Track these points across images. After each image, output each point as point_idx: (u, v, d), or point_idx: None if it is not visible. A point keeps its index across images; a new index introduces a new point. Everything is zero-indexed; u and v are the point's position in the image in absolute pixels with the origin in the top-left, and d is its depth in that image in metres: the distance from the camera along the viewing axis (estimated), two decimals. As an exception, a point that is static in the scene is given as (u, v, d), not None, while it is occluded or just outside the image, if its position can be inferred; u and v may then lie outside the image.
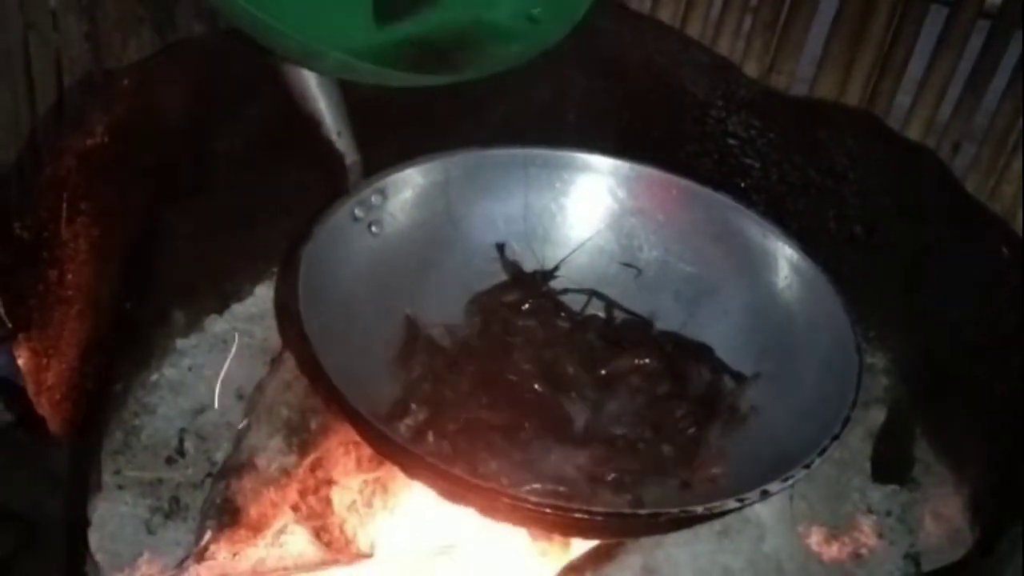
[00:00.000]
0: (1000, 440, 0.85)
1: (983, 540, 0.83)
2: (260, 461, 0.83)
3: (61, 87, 1.34)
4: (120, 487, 0.84)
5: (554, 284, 0.89)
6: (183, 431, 0.89)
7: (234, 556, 0.79)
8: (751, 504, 0.68)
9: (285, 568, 0.81)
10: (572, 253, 0.90)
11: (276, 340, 0.94)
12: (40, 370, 0.76)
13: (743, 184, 1.00)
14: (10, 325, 0.73)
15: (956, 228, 0.94)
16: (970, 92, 1.09)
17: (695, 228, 0.89)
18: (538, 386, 0.80)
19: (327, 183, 0.82)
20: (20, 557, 0.96)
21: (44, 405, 0.77)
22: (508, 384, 0.80)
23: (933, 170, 0.96)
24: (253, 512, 0.81)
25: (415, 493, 0.82)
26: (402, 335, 0.82)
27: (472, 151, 0.89)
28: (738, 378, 0.83)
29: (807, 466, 0.69)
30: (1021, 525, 0.75)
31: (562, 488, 0.74)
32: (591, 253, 0.91)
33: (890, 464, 0.91)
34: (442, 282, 0.86)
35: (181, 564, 0.80)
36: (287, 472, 0.83)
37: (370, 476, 0.82)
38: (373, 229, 0.83)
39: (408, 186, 0.86)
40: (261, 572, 0.80)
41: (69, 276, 0.79)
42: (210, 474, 0.87)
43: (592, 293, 0.89)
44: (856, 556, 0.87)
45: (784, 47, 1.12)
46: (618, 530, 0.74)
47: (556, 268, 0.89)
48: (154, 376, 0.92)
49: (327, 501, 0.82)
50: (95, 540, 0.80)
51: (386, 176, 0.84)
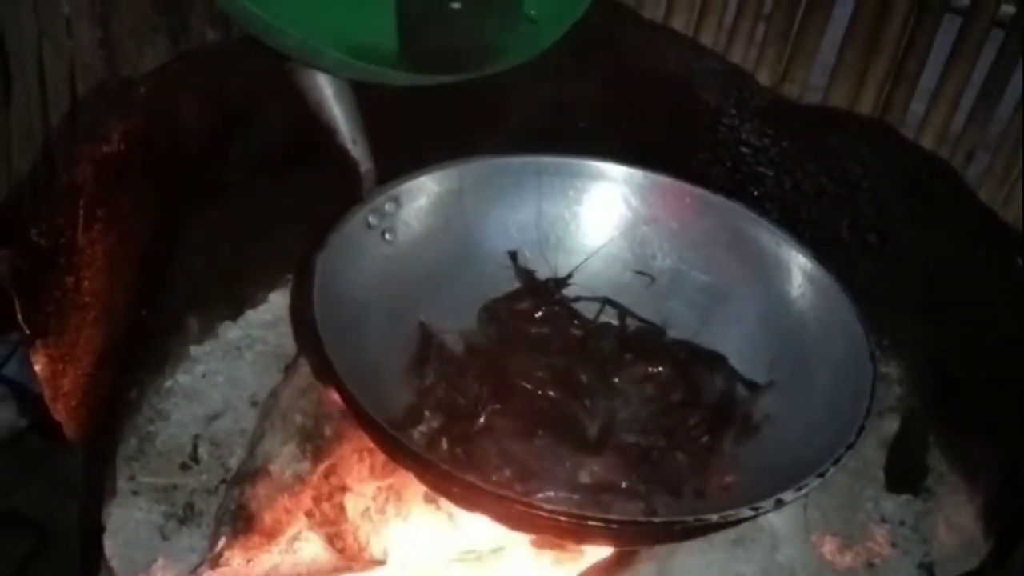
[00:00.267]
0: (1014, 449, 0.85)
1: (997, 549, 0.83)
2: (274, 468, 0.83)
3: (75, 94, 1.35)
4: (135, 493, 0.84)
5: (567, 292, 0.89)
6: (197, 437, 0.89)
7: (248, 562, 0.80)
8: (765, 513, 0.68)
9: (299, 575, 0.81)
10: (585, 261, 0.90)
11: (290, 347, 0.94)
12: (56, 376, 0.76)
13: (756, 192, 1.00)
14: (27, 331, 0.73)
15: (969, 237, 0.94)
16: (983, 101, 1.09)
17: (708, 236, 0.89)
18: (551, 394, 0.80)
19: (341, 191, 0.83)
20: (35, 562, 0.96)
21: (60, 411, 0.77)
22: (521, 391, 0.80)
23: (947, 179, 0.96)
24: (267, 518, 0.81)
25: (429, 500, 0.82)
26: (416, 342, 0.82)
27: (485, 159, 0.89)
28: (752, 387, 0.83)
29: (821, 475, 0.68)
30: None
31: (576, 496, 0.74)
32: (604, 261, 0.91)
33: (904, 473, 0.91)
34: (455, 289, 0.86)
35: (195, 570, 0.80)
36: (301, 479, 0.83)
37: (384, 483, 0.82)
38: (387, 237, 0.84)
39: (422, 194, 0.86)
40: (275, 578, 0.80)
41: (85, 283, 0.80)
42: (224, 480, 0.87)
43: (605, 301, 0.89)
44: (869, 565, 0.86)
45: (797, 55, 1.13)
46: (632, 538, 0.74)
47: (569, 276, 0.89)
48: (168, 382, 0.91)
49: (341, 508, 0.82)
50: (110, 546, 0.80)
51: (400, 184, 0.85)
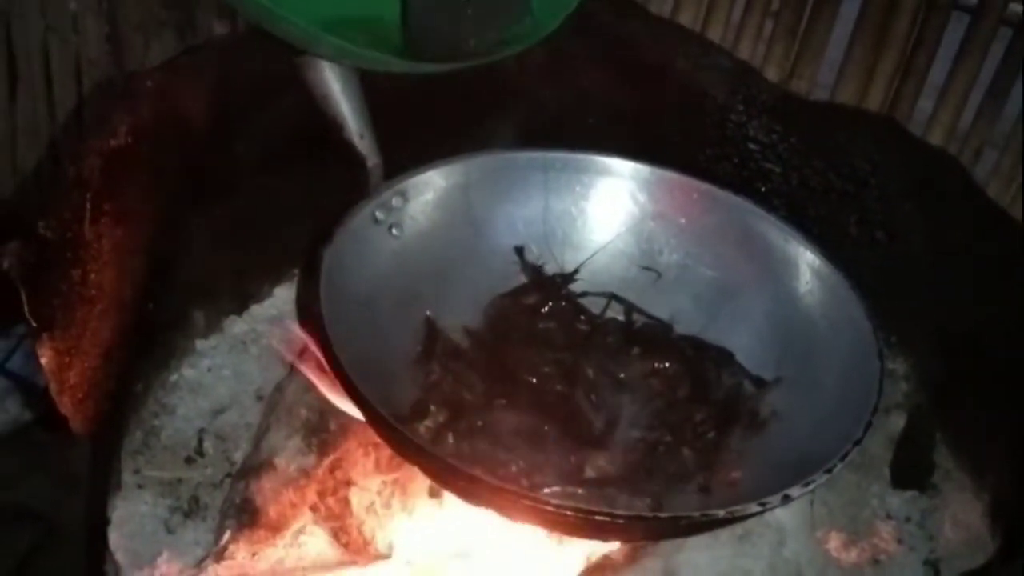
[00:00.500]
0: (1021, 447, 0.85)
1: (1004, 546, 0.82)
2: (279, 462, 0.83)
3: (81, 90, 1.35)
4: (140, 486, 0.84)
5: (574, 287, 0.88)
6: (202, 431, 0.89)
7: (253, 556, 0.80)
8: (772, 508, 0.68)
9: (303, 569, 0.81)
10: (592, 256, 0.90)
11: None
12: (62, 369, 0.76)
13: (764, 188, 1.00)
14: (34, 324, 0.73)
15: (978, 234, 0.93)
16: (992, 98, 1.08)
17: (715, 232, 0.88)
18: (558, 389, 0.80)
19: (348, 185, 0.83)
20: (40, 555, 0.96)
21: (66, 404, 0.77)
22: (528, 386, 0.80)
23: (955, 176, 0.96)
24: (272, 512, 0.81)
25: (434, 495, 0.82)
26: (422, 337, 0.82)
27: (492, 154, 0.89)
28: (758, 383, 0.82)
29: (828, 471, 0.68)
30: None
31: (581, 490, 0.74)
32: (611, 256, 0.90)
33: (910, 470, 0.90)
34: (462, 284, 0.86)
35: (200, 563, 0.80)
36: (306, 473, 0.83)
37: (389, 477, 0.82)
38: (394, 231, 0.83)
39: (429, 188, 0.86)
40: (279, 572, 0.80)
41: (92, 276, 0.80)
42: (229, 474, 0.87)
43: (612, 296, 0.89)
44: (875, 562, 0.86)
45: (805, 52, 1.12)
46: (638, 533, 0.74)
47: (576, 271, 0.89)
48: (174, 376, 0.92)
49: (346, 502, 0.82)
50: (115, 539, 0.80)
51: (407, 178, 0.84)
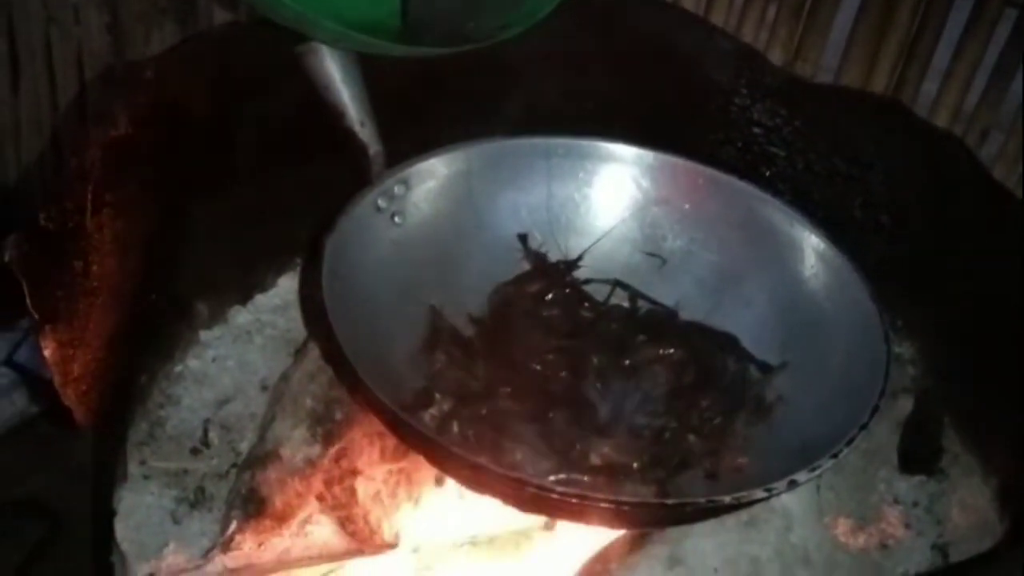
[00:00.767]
0: (1029, 430, 0.85)
1: (1012, 531, 0.82)
2: (285, 451, 0.83)
3: (83, 80, 1.35)
4: (146, 477, 0.84)
5: (577, 274, 0.88)
6: (208, 422, 0.89)
7: (259, 546, 0.80)
8: (778, 494, 0.68)
9: (310, 558, 0.81)
10: (596, 243, 0.90)
11: (300, 331, 0.94)
12: (66, 361, 0.76)
13: (768, 173, 0.99)
14: (36, 316, 0.73)
15: (984, 216, 0.93)
16: (997, 80, 1.08)
17: (720, 217, 0.88)
18: (562, 376, 0.80)
19: (350, 174, 0.82)
20: (47, 547, 0.97)
21: (70, 396, 0.77)
22: (532, 374, 0.80)
23: (961, 158, 0.95)
24: (278, 502, 0.81)
25: (440, 483, 0.82)
26: (426, 325, 0.82)
27: (495, 141, 0.88)
28: (764, 368, 0.82)
29: (835, 456, 0.68)
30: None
31: (587, 478, 0.74)
32: (615, 242, 0.90)
33: (918, 454, 0.90)
34: (465, 272, 0.86)
35: (207, 554, 0.80)
36: (312, 462, 0.83)
37: (395, 466, 0.82)
38: (396, 219, 0.83)
39: (431, 176, 0.85)
40: (286, 562, 0.80)
41: (94, 268, 0.80)
42: (235, 464, 0.87)
43: (616, 283, 0.89)
44: (883, 547, 0.86)
45: (809, 35, 1.11)
46: (644, 520, 0.74)
47: (580, 258, 0.89)
48: (178, 367, 0.92)
49: (352, 491, 0.82)
50: (121, 530, 0.80)
51: (409, 166, 0.84)
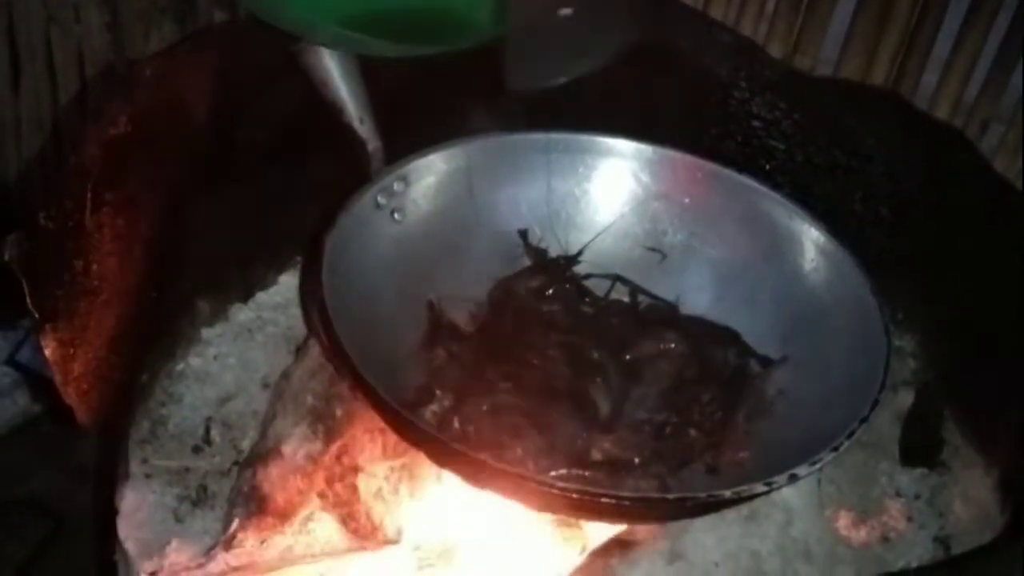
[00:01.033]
0: (1031, 422, 0.84)
1: (1013, 523, 0.82)
2: (286, 449, 0.83)
3: (83, 79, 1.35)
4: (148, 476, 0.85)
5: (578, 269, 0.89)
6: (209, 420, 0.90)
7: (262, 544, 0.80)
8: (779, 488, 0.68)
9: (312, 555, 0.81)
10: (596, 238, 0.90)
11: (301, 328, 0.94)
12: (67, 360, 0.76)
13: (768, 166, 0.99)
14: (37, 315, 0.73)
15: (984, 208, 0.93)
16: (998, 71, 1.07)
17: (720, 211, 0.88)
18: (563, 371, 0.80)
19: (349, 170, 0.82)
20: (51, 546, 0.97)
21: (71, 395, 0.77)
22: (533, 369, 0.80)
23: (961, 150, 0.95)
24: (280, 500, 0.81)
25: (441, 479, 0.82)
26: (426, 321, 0.82)
27: (494, 136, 0.89)
28: (765, 362, 0.82)
29: (835, 449, 0.68)
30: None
31: (588, 473, 0.74)
32: (615, 237, 0.90)
33: (919, 447, 0.90)
34: (465, 268, 0.86)
35: (209, 552, 0.80)
36: (313, 459, 0.83)
37: (396, 463, 0.82)
38: (396, 216, 0.83)
39: (430, 172, 0.85)
40: (288, 559, 0.80)
41: (94, 266, 0.80)
42: (237, 462, 0.87)
43: (616, 278, 0.89)
44: (885, 540, 0.86)
45: (809, 27, 1.11)
46: (645, 515, 0.74)
47: (580, 253, 0.89)
48: (180, 365, 0.92)
49: (353, 488, 0.82)
50: (124, 529, 0.81)
51: (408, 163, 0.84)
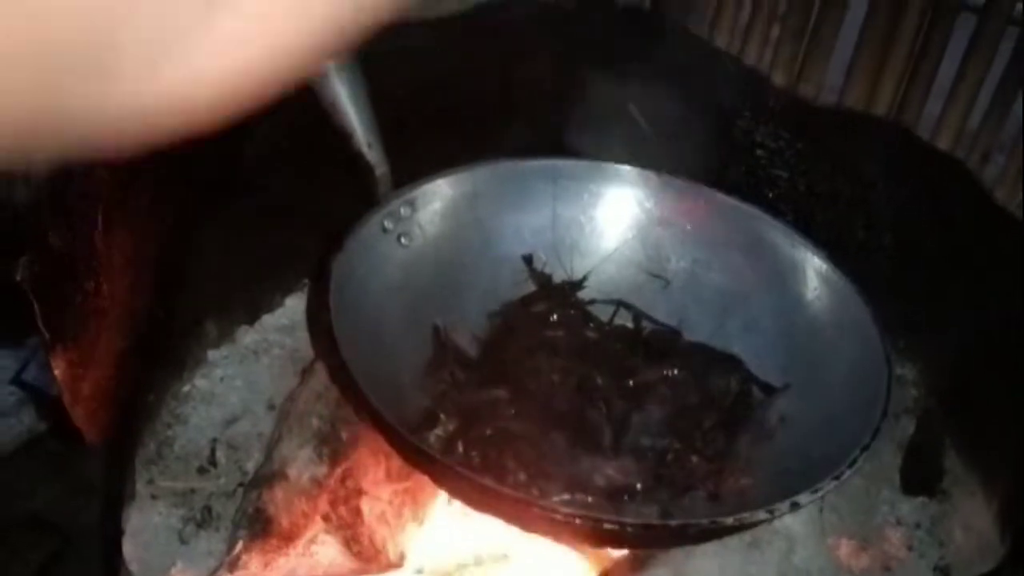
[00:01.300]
0: (1031, 451, 0.85)
1: (1013, 551, 0.82)
2: (291, 471, 0.84)
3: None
4: (153, 497, 0.85)
5: (582, 295, 0.89)
6: (215, 441, 0.90)
7: (266, 566, 0.80)
8: (781, 515, 0.68)
9: (316, 577, 0.81)
10: (600, 264, 0.90)
11: (307, 351, 0.95)
12: (76, 380, 0.77)
13: (771, 194, 1.00)
14: (47, 336, 0.74)
15: (985, 238, 0.93)
16: (1000, 101, 1.08)
17: (723, 239, 0.89)
18: (567, 397, 0.80)
19: (357, 195, 0.83)
20: (55, 565, 0.97)
21: (80, 415, 0.77)
22: (537, 395, 0.80)
23: (962, 180, 0.96)
24: (284, 522, 0.81)
25: (445, 503, 0.83)
26: (432, 346, 0.83)
27: (500, 162, 0.89)
28: (767, 389, 0.83)
29: (837, 477, 0.68)
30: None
31: (591, 498, 0.74)
32: (619, 264, 0.91)
33: (920, 476, 0.90)
34: (471, 293, 0.87)
35: (213, 573, 0.80)
36: (318, 482, 0.83)
37: (400, 486, 0.83)
38: (403, 240, 0.84)
39: (437, 197, 0.86)
40: (292, 581, 0.81)
41: (104, 287, 0.80)
42: (242, 484, 0.87)
43: (620, 304, 0.89)
44: (886, 568, 0.86)
45: (812, 56, 1.12)
46: (647, 541, 0.74)
47: (584, 279, 0.89)
48: (186, 387, 0.92)
49: (357, 511, 0.82)
50: (129, 549, 0.81)
51: (415, 188, 0.85)
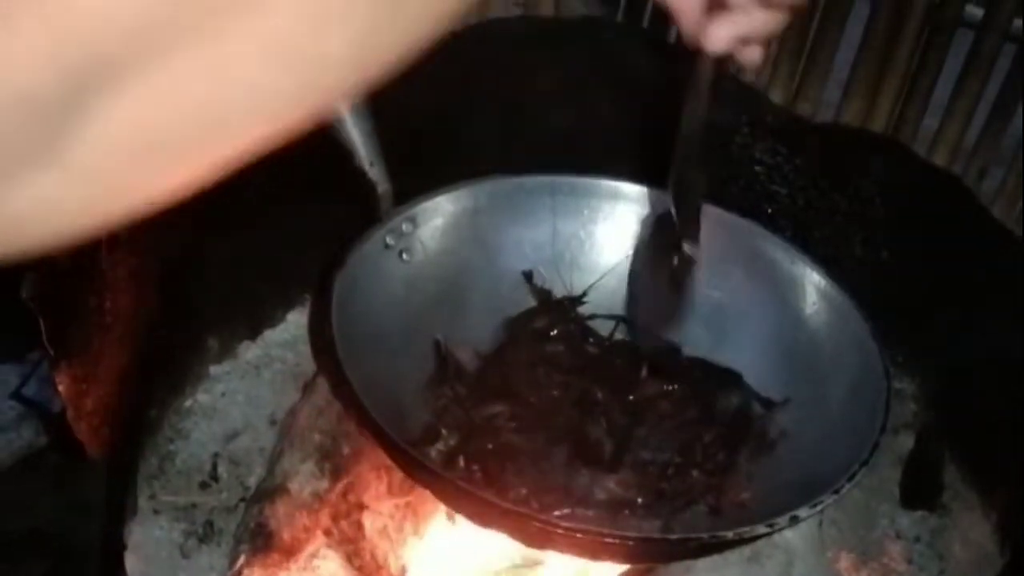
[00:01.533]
0: (1030, 465, 0.85)
1: (1012, 565, 0.82)
2: (293, 486, 0.84)
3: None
4: (155, 511, 0.85)
5: (582, 310, 0.89)
6: (216, 456, 0.90)
7: (267, 580, 0.80)
8: (781, 530, 0.69)
9: (317, 592, 0.82)
10: (600, 279, 0.91)
11: (308, 366, 0.95)
12: (80, 396, 0.77)
13: (770, 210, 1.01)
14: (52, 352, 0.74)
15: (983, 253, 0.94)
16: (996, 117, 1.09)
17: (722, 254, 0.89)
18: (567, 411, 0.81)
19: (359, 211, 0.84)
20: (57, 580, 0.97)
21: (83, 430, 0.78)
22: (538, 409, 0.80)
23: (959, 196, 0.96)
24: (286, 536, 0.81)
25: (446, 518, 0.83)
26: (432, 361, 0.83)
27: (500, 179, 0.90)
28: (767, 404, 0.83)
29: (836, 491, 0.69)
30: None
31: (592, 513, 0.74)
32: (619, 279, 0.91)
33: (919, 490, 0.91)
34: (472, 308, 0.87)
35: (215, 588, 0.81)
36: (319, 497, 0.83)
37: (401, 501, 0.83)
38: (404, 256, 0.84)
39: (438, 214, 0.87)
40: (294, 596, 0.81)
41: (107, 304, 0.81)
42: (243, 499, 0.87)
43: (620, 319, 0.90)
44: (886, 582, 0.87)
45: (810, 73, 1.13)
46: (648, 555, 0.75)
47: (584, 294, 0.90)
48: (188, 402, 0.92)
49: (359, 526, 0.82)
50: (131, 564, 0.81)
51: (416, 204, 0.85)
